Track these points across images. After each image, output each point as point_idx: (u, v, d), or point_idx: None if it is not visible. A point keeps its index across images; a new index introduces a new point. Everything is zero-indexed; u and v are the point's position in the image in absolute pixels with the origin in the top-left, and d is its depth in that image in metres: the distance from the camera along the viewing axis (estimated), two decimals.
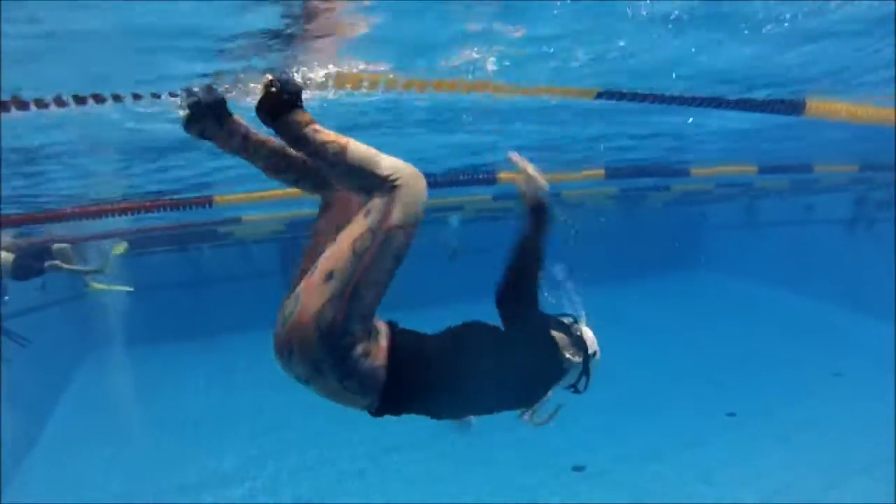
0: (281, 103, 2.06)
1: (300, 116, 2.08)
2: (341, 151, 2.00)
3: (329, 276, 1.90)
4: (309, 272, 1.98)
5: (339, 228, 2.05)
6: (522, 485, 8.88)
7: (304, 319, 1.88)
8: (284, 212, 10.01)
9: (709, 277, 23.06)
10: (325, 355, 1.91)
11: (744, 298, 20.57)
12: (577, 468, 9.29)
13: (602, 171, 7.04)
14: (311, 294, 1.90)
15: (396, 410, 2.16)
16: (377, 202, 1.97)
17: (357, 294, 1.92)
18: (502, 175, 6.68)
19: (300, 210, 10.07)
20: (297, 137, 2.07)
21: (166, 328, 16.80)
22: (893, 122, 4.78)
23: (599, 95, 3.20)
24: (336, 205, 2.31)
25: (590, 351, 2.48)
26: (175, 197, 6.65)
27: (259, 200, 6.78)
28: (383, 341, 2.11)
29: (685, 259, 23.41)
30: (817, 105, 4.05)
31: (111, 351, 15.62)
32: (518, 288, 2.41)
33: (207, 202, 6.46)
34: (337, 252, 1.93)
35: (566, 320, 2.54)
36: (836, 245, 18.40)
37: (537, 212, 2.44)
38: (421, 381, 2.13)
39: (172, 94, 3.22)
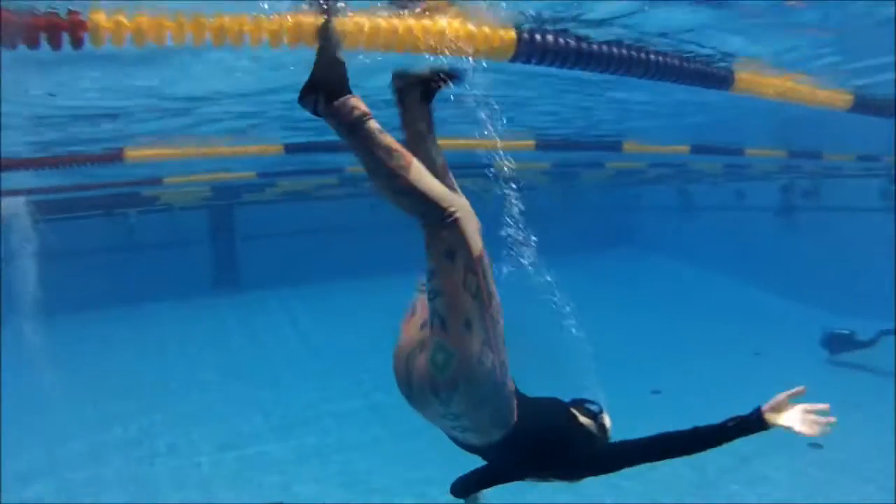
0: (341, 77, 1.99)
1: (357, 103, 1.99)
2: (405, 166, 1.99)
3: (468, 324, 2.01)
4: (434, 326, 2.07)
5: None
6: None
7: (468, 365, 2.01)
8: (208, 174, 9.54)
9: (641, 257, 23.45)
10: (489, 392, 2.10)
11: (674, 279, 21.03)
12: None
13: (532, 143, 6.87)
14: (462, 346, 2.01)
15: (510, 448, 2.30)
16: (450, 242, 2.02)
17: (495, 329, 2.08)
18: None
19: (225, 173, 9.68)
20: (353, 127, 1.98)
21: (90, 296, 16.02)
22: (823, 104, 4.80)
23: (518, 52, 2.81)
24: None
25: (608, 436, 2.64)
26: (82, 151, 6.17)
27: (175, 157, 6.39)
28: (510, 383, 2.29)
29: (618, 238, 23.80)
30: (748, 78, 3.98)
31: (28, 320, 14.82)
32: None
33: (116, 157, 6.03)
34: (458, 303, 2.00)
35: (594, 408, 2.68)
36: (764, 231, 19.00)
37: None
38: (532, 426, 2.30)
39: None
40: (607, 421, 2.70)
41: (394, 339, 2.41)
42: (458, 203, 2.06)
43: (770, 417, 2.41)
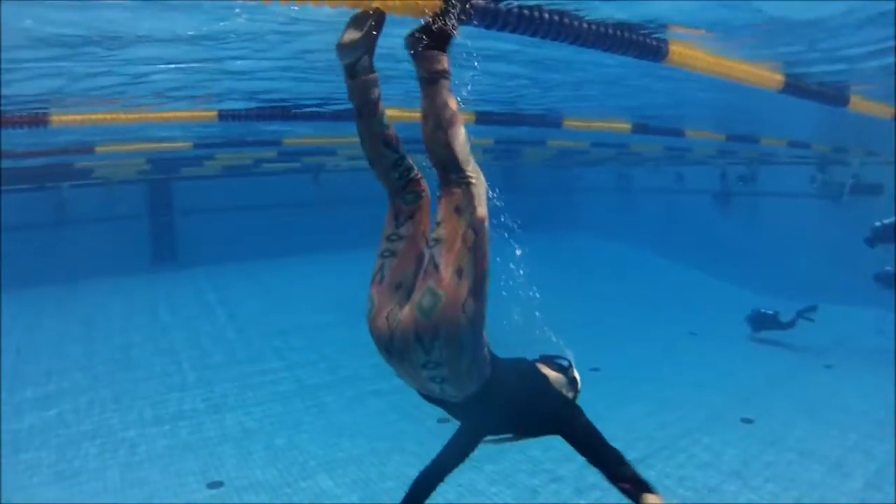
0: (447, 37, 2.23)
1: (446, 62, 2.24)
2: (455, 121, 2.24)
3: (460, 271, 2.15)
4: (428, 272, 2.21)
5: (423, 230, 2.43)
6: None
7: (453, 310, 2.13)
8: (143, 143, 9.19)
9: (581, 238, 23.91)
10: (469, 340, 2.20)
11: (614, 260, 21.50)
12: (443, 420, 9.33)
13: (473, 116, 6.84)
14: (451, 288, 2.14)
15: (484, 403, 2.42)
16: (461, 199, 2.23)
17: (483, 283, 2.21)
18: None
19: (160, 143, 9.34)
20: (434, 77, 2.22)
21: (22, 273, 15.36)
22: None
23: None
24: (421, 212, 2.50)
25: (579, 389, 2.85)
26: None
27: (106, 123, 6.12)
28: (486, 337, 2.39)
29: (559, 219, 24.19)
30: (681, 51, 4.01)
31: None
32: None
33: (41, 121, 5.74)
34: (454, 251, 2.17)
35: (563, 363, 2.86)
36: (702, 214, 19.56)
37: None
38: (502, 383, 2.45)
39: None
40: (577, 374, 2.87)
41: (365, 306, 2.44)
42: (476, 169, 2.30)
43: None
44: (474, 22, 2.62)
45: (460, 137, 2.26)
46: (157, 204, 19.10)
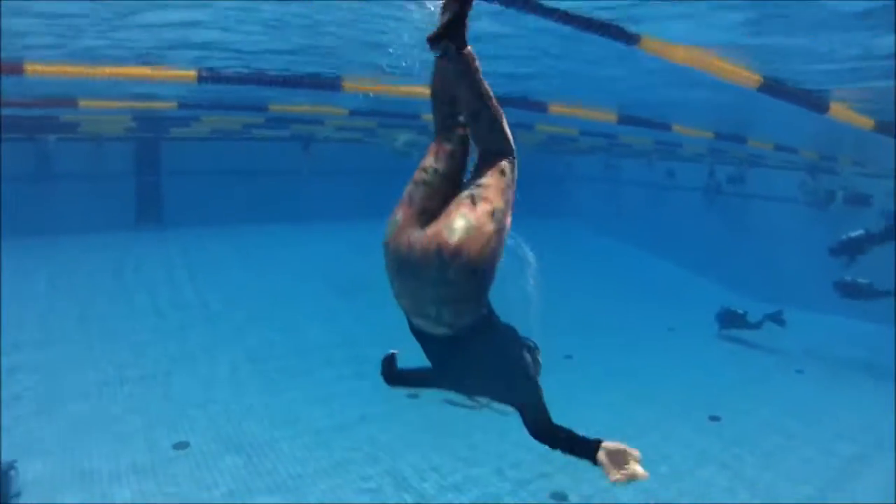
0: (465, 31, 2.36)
1: (474, 53, 2.41)
2: (498, 110, 2.49)
3: (493, 213, 2.38)
4: (463, 202, 2.41)
5: (458, 172, 2.63)
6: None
7: (478, 239, 2.32)
8: (128, 101, 9.09)
9: (568, 227, 23.91)
10: (482, 271, 2.38)
11: (599, 250, 21.54)
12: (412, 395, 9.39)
13: None
14: (483, 222, 2.35)
15: (464, 346, 2.57)
16: (507, 165, 2.52)
17: (504, 231, 2.46)
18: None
19: (149, 102, 9.26)
20: (468, 72, 2.41)
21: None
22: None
23: None
24: (460, 155, 2.66)
25: (538, 372, 2.91)
26: None
27: (82, 76, 6.04)
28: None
29: (546, 207, 24.18)
30: (652, 42, 4.00)
31: None
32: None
33: (17, 69, 5.65)
34: (493, 196, 2.42)
35: (531, 344, 2.95)
36: (690, 212, 19.58)
37: None
38: (489, 332, 2.64)
39: None
40: (539, 359, 2.96)
41: (388, 227, 2.56)
42: (515, 147, 2.60)
43: (600, 455, 2.51)
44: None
45: (506, 124, 2.55)
46: (144, 163, 18.84)
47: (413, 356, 2.87)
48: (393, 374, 3.12)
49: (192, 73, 5.92)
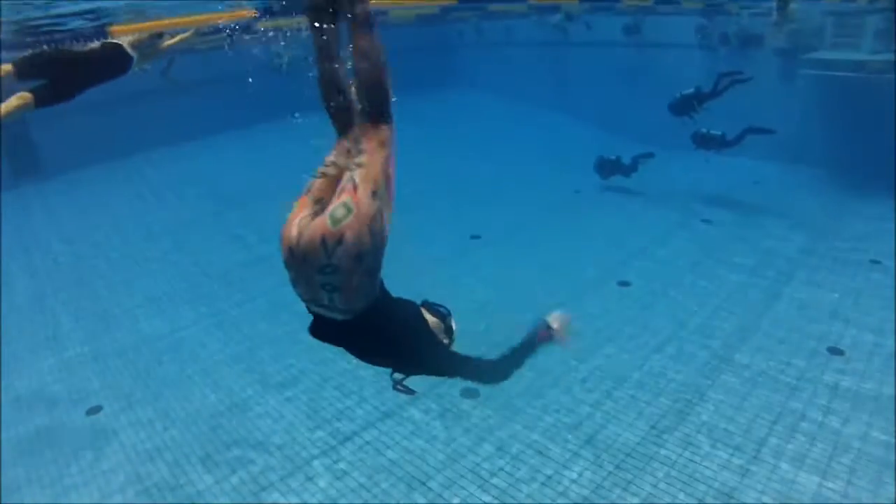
0: None
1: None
2: (385, 67, 2.51)
3: (374, 194, 2.40)
4: (345, 189, 2.40)
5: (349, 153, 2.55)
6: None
7: (361, 223, 2.34)
8: None
9: (465, 96, 23.15)
10: (368, 255, 2.40)
11: (499, 116, 20.88)
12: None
13: None
14: (364, 205, 2.36)
15: (366, 328, 2.58)
16: (386, 133, 2.54)
17: (389, 211, 2.50)
18: None
19: None
20: (366, 20, 2.46)
21: None
22: None
23: None
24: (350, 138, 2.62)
25: (453, 338, 3.02)
26: None
27: None
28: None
29: (442, 76, 23.16)
30: None
31: None
32: None
33: None
34: (373, 176, 2.42)
35: (443, 310, 3.00)
36: (587, 68, 18.99)
37: None
38: (387, 313, 2.64)
39: None
40: (454, 324, 3.02)
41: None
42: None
43: (549, 330, 3.03)
44: None
45: (390, 80, 2.53)
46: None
47: None
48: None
49: None
